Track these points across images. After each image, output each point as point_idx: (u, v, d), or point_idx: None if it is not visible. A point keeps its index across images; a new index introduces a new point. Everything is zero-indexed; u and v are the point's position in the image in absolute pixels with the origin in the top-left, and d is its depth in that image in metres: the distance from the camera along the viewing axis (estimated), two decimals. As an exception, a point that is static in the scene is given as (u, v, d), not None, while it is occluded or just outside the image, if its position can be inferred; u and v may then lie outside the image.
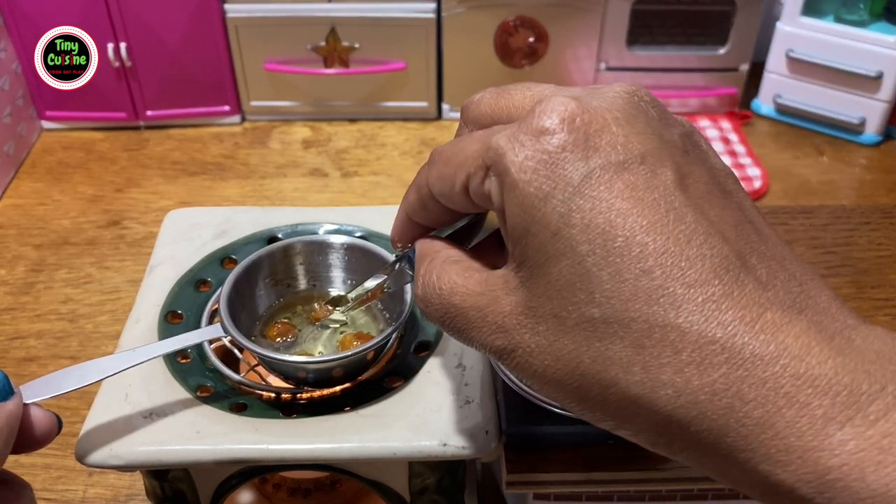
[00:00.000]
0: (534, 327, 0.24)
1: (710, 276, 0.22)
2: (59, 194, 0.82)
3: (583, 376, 0.24)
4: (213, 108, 0.91)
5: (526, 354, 0.25)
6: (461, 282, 0.27)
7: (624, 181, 0.23)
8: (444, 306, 0.27)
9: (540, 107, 0.25)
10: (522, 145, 0.24)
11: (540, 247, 0.24)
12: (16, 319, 0.67)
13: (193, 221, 0.50)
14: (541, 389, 0.26)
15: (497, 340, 0.26)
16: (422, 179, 0.30)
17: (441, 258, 0.29)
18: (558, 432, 0.38)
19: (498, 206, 0.25)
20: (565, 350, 0.24)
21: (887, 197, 0.81)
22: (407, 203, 0.32)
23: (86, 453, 0.37)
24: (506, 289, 0.25)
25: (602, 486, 0.39)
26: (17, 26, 0.83)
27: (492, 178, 0.25)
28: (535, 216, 0.24)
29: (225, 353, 0.44)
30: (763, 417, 0.21)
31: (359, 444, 0.37)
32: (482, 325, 0.26)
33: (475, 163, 0.26)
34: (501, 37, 0.88)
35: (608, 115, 0.24)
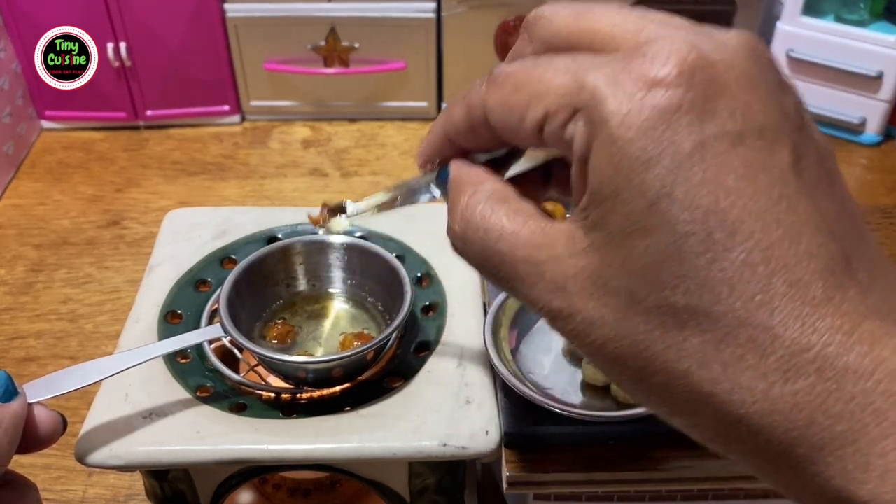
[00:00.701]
0: (601, 298, 0.22)
1: (814, 277, 0.20)
2: (58, 194, 0.81)
3: (649, 361, 0.21)
4: (213, 108, 0.91)
5: (586, 323, 0.22)
6: (511, 227, 0.24)
7: (739, 156, 0.20)
8: (488, 251, 0.24)
9: (654, 48, 0.21)
10: (628, 95, 0.21)
11: (629, 215, 0.21)
12: (15, 319, 0.67)
13: (193, 221, 0.50)
14: (595, 362, 0.23)
15: (554, 301, 0.23)
16: (476, 99, 0.25)
17: (485, 192, 0.25)
18: (558, 432, 0.37)
19: (580, 156, 0.22)
20: (635, 330, 0.21)
21: (887, 197, 0.81)
22: (449, 121, 0.27)
23: (86, 453, 0.37)
24: (570, 247, 0.22)
25: (602, 486, 0.39)
26: (17, 26, 0.83)
27: (579, 122, 0.22)
28: (632, 181, 0.21)
29: (225, 353, 0.44)
30: (845, 433, 0.19)
31: (359, 445, 0.37)
32: (536, 281, 0.23)
33: (560, 100, 0.22)
34: (501, 37, 0.88)
35: (729, 74, 0.21)
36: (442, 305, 0.44)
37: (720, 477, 0.38)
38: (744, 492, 0.40)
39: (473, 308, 0.44)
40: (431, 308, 0.44)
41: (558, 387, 0.39)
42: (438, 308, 0.44)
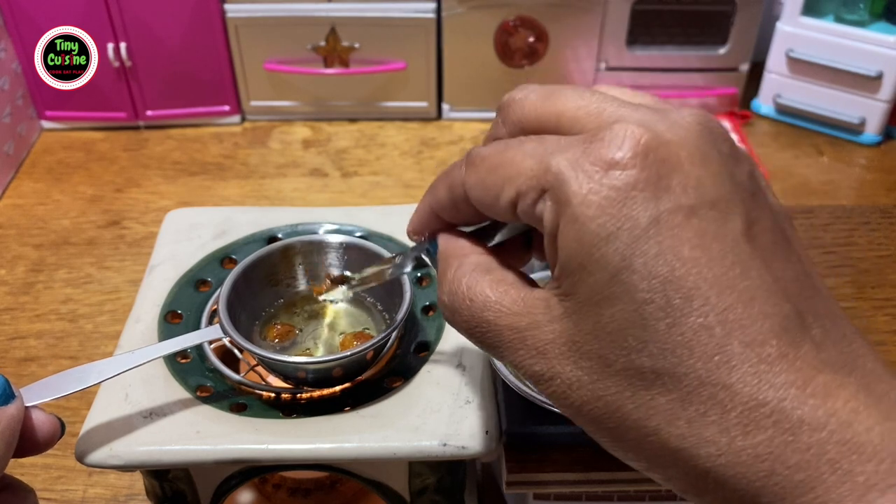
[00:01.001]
0: (576, 361, 0.24)
1: (768, 336, 0.21)
2: (58, 194, 0.82)
3: (622, 420, 0.23)
4: (213, 108, 0.91)
5: (565, 386, 0.24)
6: (495, 297, 0.26)
7: (693, 228, 0.22)
8: (475, 319, 0.26)
9: (610, 133, 0.23)
10: (588, 176, 0.23)
11: (594, 286, 0.23)
12: (16, 319, 0.67)
13: (193, 221, 0.50)
14: (575, 420, 0.25)
15: (535, 366, 0.25)
16: (456, 179, 0.28)
17: (470, 265, 0.27)
18: (558, 432, 0.38)
19: (550, 232, 0.24)
20: (607, 392, 0.23)
21: (887, 197, 0.81)
22: (434, 198, 0.30)
23: (86, 453, 0.37)
24: (548, 315, 0.24)
25: (602, 486, 0.39)
26: (18, 26, 0.83)
27: (547, 202, 0.24)
28: (594, 254, 0.23)
29: (225, 352, 0.44)
30: (804, 481, 0.20)
31: (359, 444, 0.37)
32: (519, 346, 0.25)
33: (529, 182, 0.24)
34: (501, 37, 0.88)
35: (682, 152, 0.23)
36: (442, 305, 0.44)
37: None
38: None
39: (473, 308, 0.44)
40: (431, 308, 0.45)
41: (558, 387, 0.39)
42: (438, 308, 0.44)
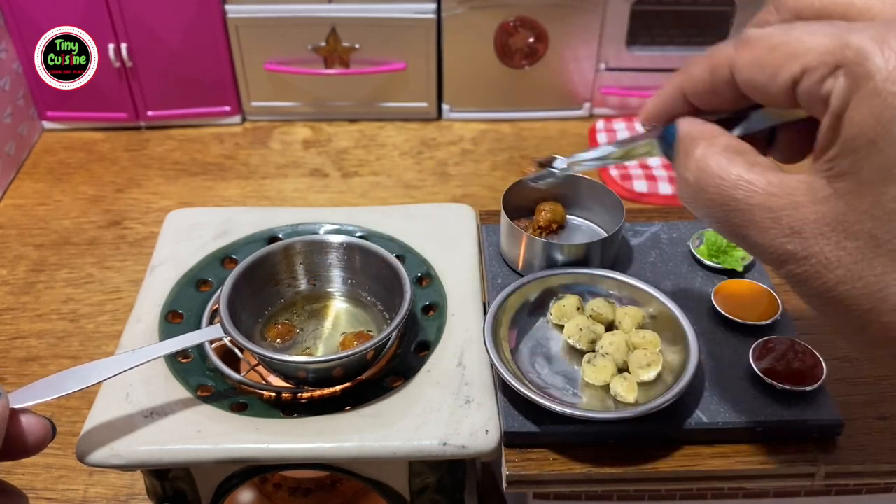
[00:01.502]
0: (840, 242, 0.23)
1: None
2: (59, 194, 0.82)
3: (881, 301, 0.23)
4: (214, 109, 0.92)
5: (820, 265, 0.24)
6: (749, 176, 0.25)
7: None
8: (722, 197, 0.26)
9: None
10: (893, 54, 0.22)
11: (884, 163, 0.22)
12: (17, 319, 0.67)
13: (194, 221, 0.50)
14: (821, 304, 0.25)
15: (789, 244, 0.24)
16: (722, 59, 0.27)
17: (721, 144, 0.27)
18: (558, 432, 0.38)
19: (837, 108, 0.23)
20: (873, 271, 0.23)
21: (887, 197, 0.81)
22: (688, 79, 0.29)
23: (87, 453, 0.37)
24: (811, 196, 0.24)
25: (602, 485, 0.39)
26: (18, 26, 0.83)
27: (840, 77, 0.23)
28: (891, 131, 0.22)
29: (226, 352, 0.44)
30: None
31: (359, 444, 0.37)
32: (771, 226, 0.25)
33: (821, 57, 0.24)
34: (501, 37, 0.88)
35: None
36: (442, 305, 0.44)
37: (719, 476, 0.38)
38: (743, 491, 0.40)
39: (473, 308, 0.44)
40: (431, 308, 0.45)
41: (558, 387, 0.39)
42: (438, 308, 0.44)
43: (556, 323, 0.42)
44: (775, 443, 0.38)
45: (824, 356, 0.39)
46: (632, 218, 0.49)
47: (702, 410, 0.38)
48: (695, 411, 0.38)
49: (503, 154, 0.90)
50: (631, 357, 0.39)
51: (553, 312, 0.42)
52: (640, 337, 0.40)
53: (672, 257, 0.46)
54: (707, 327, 0.42)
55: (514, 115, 0.95)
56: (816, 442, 0.38)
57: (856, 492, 0.40)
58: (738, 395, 0.38)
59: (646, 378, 0.38)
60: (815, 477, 0.37)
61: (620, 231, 0.44)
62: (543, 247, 0.44)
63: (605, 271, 0.43)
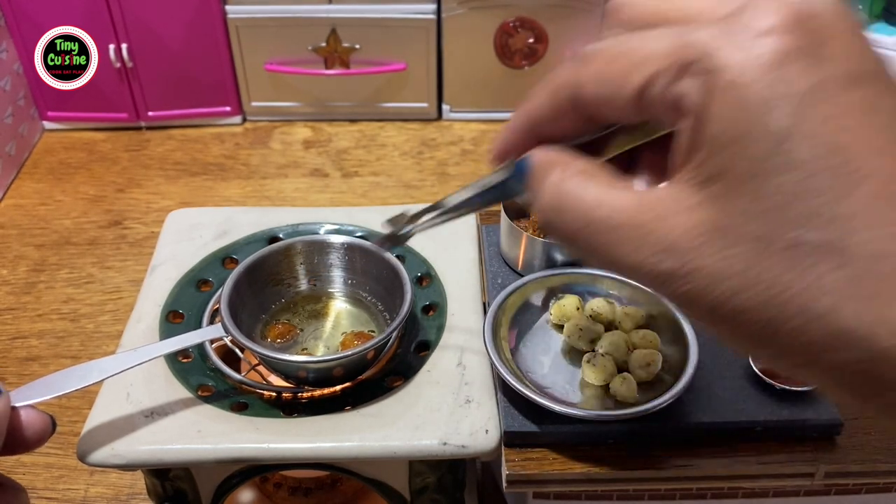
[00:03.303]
0: (722, 250, 0.22)
1: None
2: (60, 194, 0.82)
3: (783, 306, 0.21)
4: (215, 109, 0.92)
5: (706, 279, 0.22)
6: (608, 195, 0.24)
7: (856, 97, 0.21)
8: (584, 219, 0.24)
9: (754, 5, 0.22)
10: (740, 43, 0.21)
11: (756, 157, 0.21)
12: (17, 319, 0.67)
13: (194, 221, 0.50)
14: (712, 320, 0.23)
15: (662, 263, 0.22)
16: (562, 81, 0.26)
17: (577, 167, 0.25)
18: (558, 432, 0.38)
19: (696, 108, 0.22)
20: (767, 275, 0.21)
21: (887, 197, 0.81)
22: (531, 109, 0.28)
23: (87, 452, 0.37)
24: (678, 206, 0.23)
25: (602, 485, 0.39)
26: (19, 26, 0.83)
27: (691, 78, 0.22)
28: (756, 122, 0.21)
29: (226, 352, 0.44)
30: None
31: (359, 444, 0.37)
32: (641, 244, 0.23)
33: (666, 60, 0.23)
34: (501, 37, 0.88)
35: (836, 23, 0.22)
36: (442, 305, 0.44)
37: (719, 476, 0.38)
38: (742, 490, 0.40)
39: (473, 308, 0.44)
40: (431, 308, 0.45)
41: (558, 386, 0.39)
42: (438, 308, 0.44)
43: (556, 323, 0.42)
44: (775, 442, 0.38)
45: (824, 356, 0.39)
46: (632, 218, 0.49)
47: (701, 410, 0.38)
48: (694, 411, 0.38)
49: (503, 154, 0.89)
50: (631, 357, 0.39)
51: (553, 312, 0.42)
52: (639, 337, 0.40)
53: (672, 257, 0.46)
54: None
55: (515, 115, 0.95)
56: (816, 442, 0.38)
57: (855, 491, 0.40)
58: (738, 394, 0.38)
59: (646, 378, 0.38)
60: (814, 476, 0.37)
61: (620, 231, 0.44)
62: (543, 247, 0.44)
63: (606, 271, 0.43)
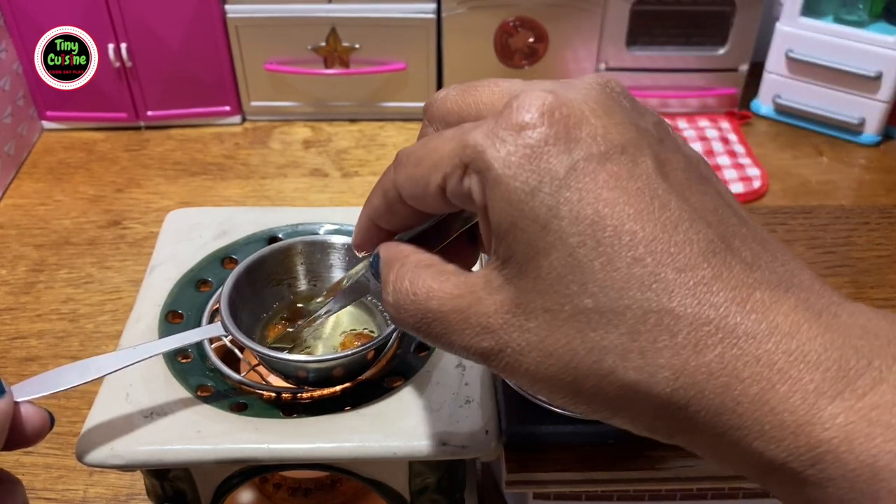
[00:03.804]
0: (522, 325, 0.24)
1: (698, 260, 0.22)
2: (59, 194, 0.82)
3: (577, 369, 0.23)
4: (214, 109, 0.91)
5: (515, 353, 0.24)
6: (437, 285, 0.26)
7: (608, 171, 0.23)
8: (420, 311, 0.27)
9: (517, 101, 0.24)
10: (503, 140, 0.24)
11: (528, 241, 0.24)
12: (17, 319, 0.67)
13: (194, 221, 0.50)
14: (532, 387, 0.25)
15: (483, 342, 0.25)
16: (387, 182, 0.29)
17: (412, 262, 0.28)
18: (558, 432, 0.38)
19: (480, 204, 0.25)
20: (558, 344, 0.24)
21: (886, 197, 0.81)
22: (371, 207, 0.31)
23: (86, 453, 0.37)
24: (488, 288, 0.25)
25: (602, 485, 0.39)
26: (18, 26, 0.83)
27: (472, 175, 0.25)
28: (523, 210, 0.24)
29: (225, 352, 0.44)
30: (758, 394, 0.21)
31: (359, 444, 0.37)
32: (464, 327, 0.25)
33: (451, 162, 0.25)
34: (501, 37, 0.88)
35: (585, 107, 0.24)
36: (442, 305, 0.44)
37: (719, 476, 0.38)
38: (743, 491, 0.40)
39: (473, 308, 0.44)
40: (431, 308, 0.45)
41: (558, 386, 0.39)
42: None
43: (556, 323, 0.42)
44: (775, 443, 0.38)
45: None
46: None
47: (702, 410, 0.38)
48: (695, 411, 0.38)
49: (503, 154, 0.89)
50: (631, 357, 0.39)
51: (553, 312, 0.42)
52: (640, 337, 0.40)
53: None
54: (707, 327, 0.42)
55: (514, 115, 0.95)
56: (816, 442, 0.38)
57: (856, 492, 0.40)
58: (739, 395, 0.38)
59: (646, 378, 0.38)
60: (815, 477, 0.37)
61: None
62: (543, 247, 0.44)
63: None
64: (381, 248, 0.30)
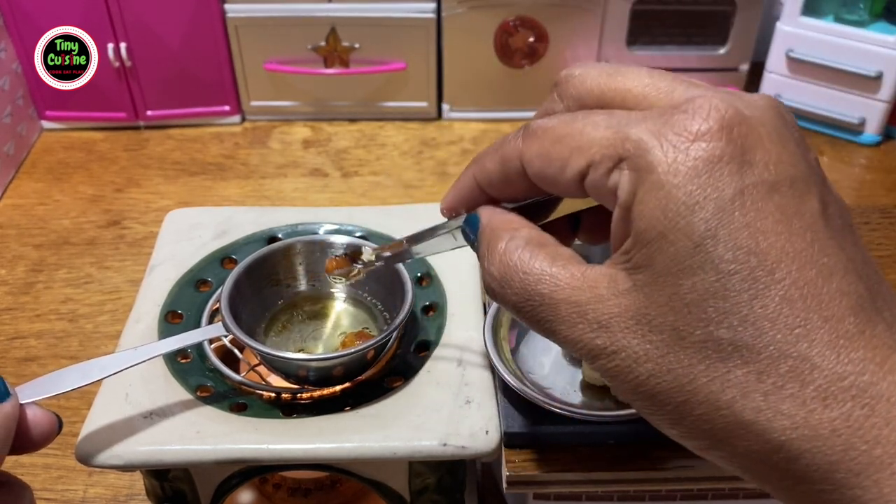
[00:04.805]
0: (645, 335, 0.23)
1: (846, 313, 0.22)
2: (59, 194, 0.82)
3: (692, 393, 0.23)
4: (214, 108, 0.91)
5: (630, 360, 0.24)
6: (552, 270, 0.25)
7: (775, 203, 0.22)
8: (528, 292, 0.25)
9: (693, 106, 0.23)
10: (673, 145, 0.23)
11: (675, 256, 0.23)
12: (16, 319, 0.67)
13: (193, 221, 0.50)
14: (632, 397, 0.24)
15: (597, 339, 0.24)
16: (511, 152, 0.27)
17: (523, 237, 0.27)
18: (558, 432, 0.38)
19: (625, 203, 0.24)
20: (679, 365, 0.23)
21: (887, 197, 0.81)
22: (482, 171, 0.29)
23: (86, 453, 0.37)
24: (613, 288, 0.24)
25: (602, 486, 0.39)
26: (18, 26, 0.83)
27: (624, 171, 0.24)
28: (678, 223, 0.22)
29: (225, 353, 0.44)
30: (881, 458, 0.20)
31: (359, 444, 0.37)
32: (578, 321, 0.24)
33: (604, 150, 0.24)
34: (501, 37, 0.88)
35: (762, 130, 0.23)
36: (442, 305, 0.44)
37: (720, 477, 0.38)
38: (744, 491, 0.40)
39: (473, 308, 0.44)
40: (431, 308, 0.45)
41: (558, 387, 0.39)
42: (438, 308, 0.44)
43: (556, 323, 0.42)
44: (776, 443, 0.38)
45: (825, 356, 0.39)
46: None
47: (702, 411, 0.38)
48: (695, 411, 0.38)
49: (503, 154, 0.89)
50: (631, 357, 0.39)
51: (553, 312, 0.42)
52: (640, 337, 0.40)
53: (672, 257, 0.46)
54: (707, 327, 0.42)
55: (515, 115, 0.95)
56: (817, 442, 0.38)
57: (856, 492, 0.39)
58: (739, 395, 0.38)
59: (646, 378, 0.38)
60: (815, 477, 0.37)
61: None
62: (544, 247, 0.43)
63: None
64: (485, 213, 0.29)
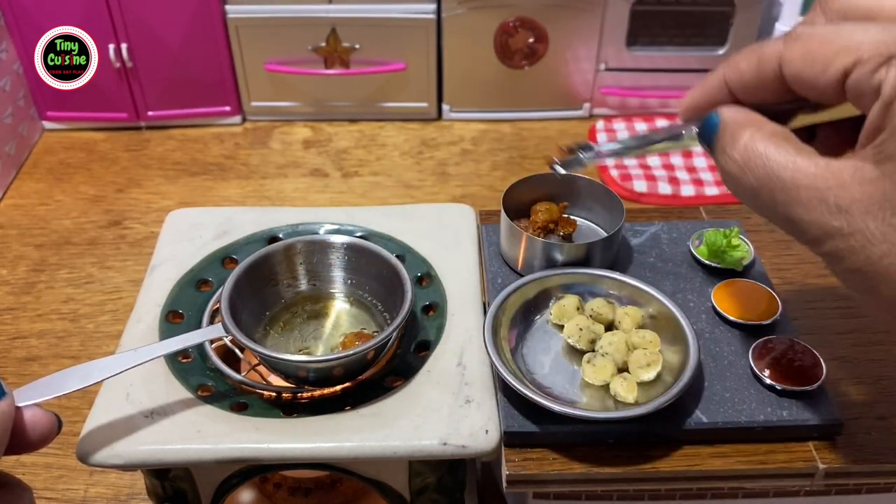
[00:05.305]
0: (887, 219, 0.25)
1: None
2: (60, 194, 0.82)
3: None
4: (214, 109, 0.92)
5: (865, 240, 0.25)
6: (797, 159, 0.27)
7: None
8: (768, 175, 0.27)
9: None
10: None
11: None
12: (17, 319, 0.67)
13: (194, 221, 0.50)
14: (858, 278, 0.26)
15: (833, 221, 0.26)
16: (770, 53, 0.28)
17: (769, 130, 0.28)
18: (558, 432, 0.38)
19: (888, 98, 0.25)
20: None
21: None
22: (735, 71, 0.30)
23: (87, 453, 0.37)
24: (858, 177, 0.26)
25: (602, 485, 0.39)
26: (19, 26, 0.83)
27: (892, 68, 0.25)
28: None
29: (226, 352, 0.44)
30: None
31: (359, 444, 0.37)
32: (816, 204, 0.26)
33: (873, 49, 0.25)
34: (501, 37, 0.88)
35: None
36: (442, 305, 0.44)
37: (719, 476, 0.38)
38: (743, 491, 0.40)
39: (473, 308, 0.44)
40: (431, 308, 0.45)
41: (558, 386, 0.39)
42: (438, 308, 0.44)
43: (556, 323, 0.42)
44: (775, 443, 0.38)
45: (824, 356, 0.39)
46: (632, 218, 0.49)
47: (701, 410, 0.38)
48: (694, 411, 0.38)
49: (503, 154, 0.90)
50: (631, 357, 0.39)
51: (553, 312, 0.42)
52: (639, 337, 0.40)
53: (672, 257, 0.47)
54: (707, 327, 0.42)
55: (514, 115, 0.95)
56: (816, 442, 0.38)
57: (855, 491, 0.40)
58: (738, 394, 0.38)
59: (645, 378, 0.38)
60: (814, 477, 0.37)
61: (620, 231, 0.44)
62: (543, 247, 0.44)
63: (605, 271, 0.43)
64: (728, 110, 0.30)
